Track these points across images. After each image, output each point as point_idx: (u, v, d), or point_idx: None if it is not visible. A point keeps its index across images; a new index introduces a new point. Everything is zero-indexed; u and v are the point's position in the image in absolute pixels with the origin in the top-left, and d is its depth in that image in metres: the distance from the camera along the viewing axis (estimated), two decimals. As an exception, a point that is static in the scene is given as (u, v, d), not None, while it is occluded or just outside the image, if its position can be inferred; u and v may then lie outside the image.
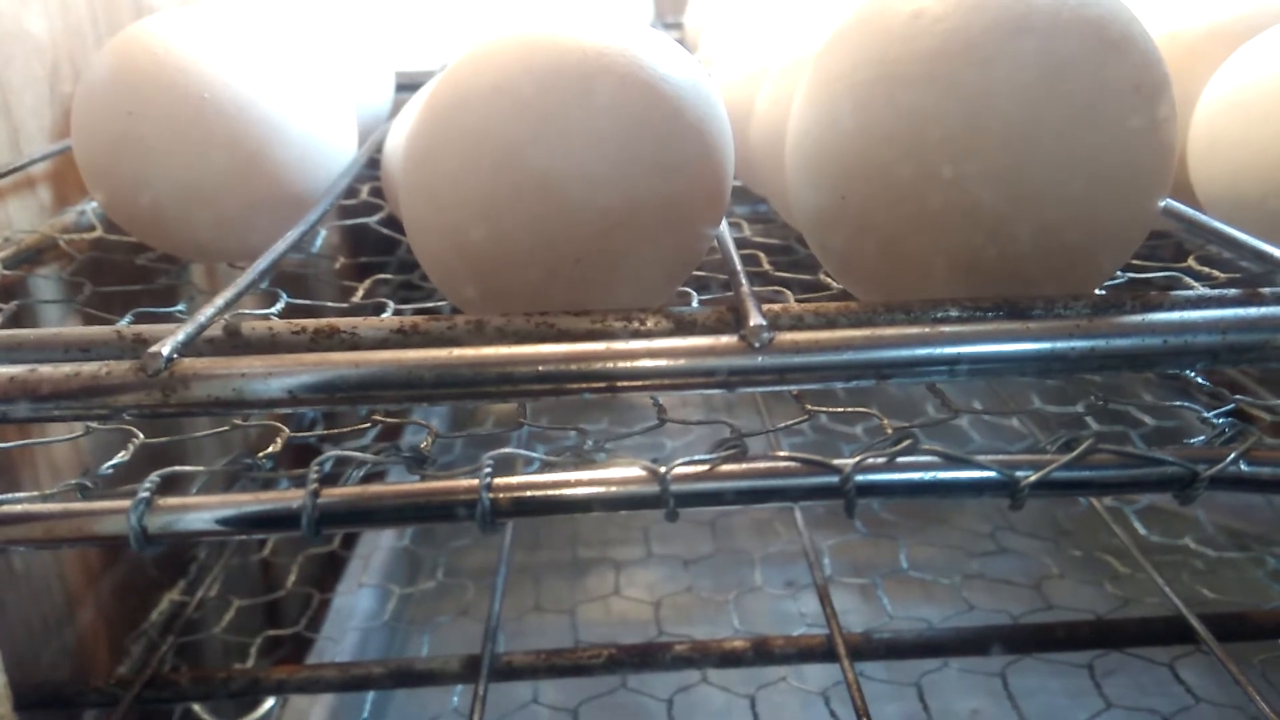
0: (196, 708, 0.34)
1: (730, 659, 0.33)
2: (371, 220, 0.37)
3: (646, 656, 0.33)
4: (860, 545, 0.45)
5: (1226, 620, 0.34)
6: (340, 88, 0.33)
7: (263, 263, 0.24)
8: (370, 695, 0.41)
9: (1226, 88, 0.30)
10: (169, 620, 0.40)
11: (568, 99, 0.21)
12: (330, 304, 0.29)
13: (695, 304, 0.26)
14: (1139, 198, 0.22)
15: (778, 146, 0.28)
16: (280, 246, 0.25)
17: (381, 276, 0.35)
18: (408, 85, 0.46)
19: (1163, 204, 0.23)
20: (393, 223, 0.38)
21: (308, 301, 0.28)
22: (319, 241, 0.39)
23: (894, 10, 0.22)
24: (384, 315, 0.22)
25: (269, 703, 0.37)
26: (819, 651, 0.32)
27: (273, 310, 0.27)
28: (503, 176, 0.21)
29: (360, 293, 0.31)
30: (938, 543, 0.43)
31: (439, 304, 0.30)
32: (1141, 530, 0.42)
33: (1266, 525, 0.48)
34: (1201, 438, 0.20)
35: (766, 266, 0.33)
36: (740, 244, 0.35)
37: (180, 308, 0.29)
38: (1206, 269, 0.30)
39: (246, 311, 0.22)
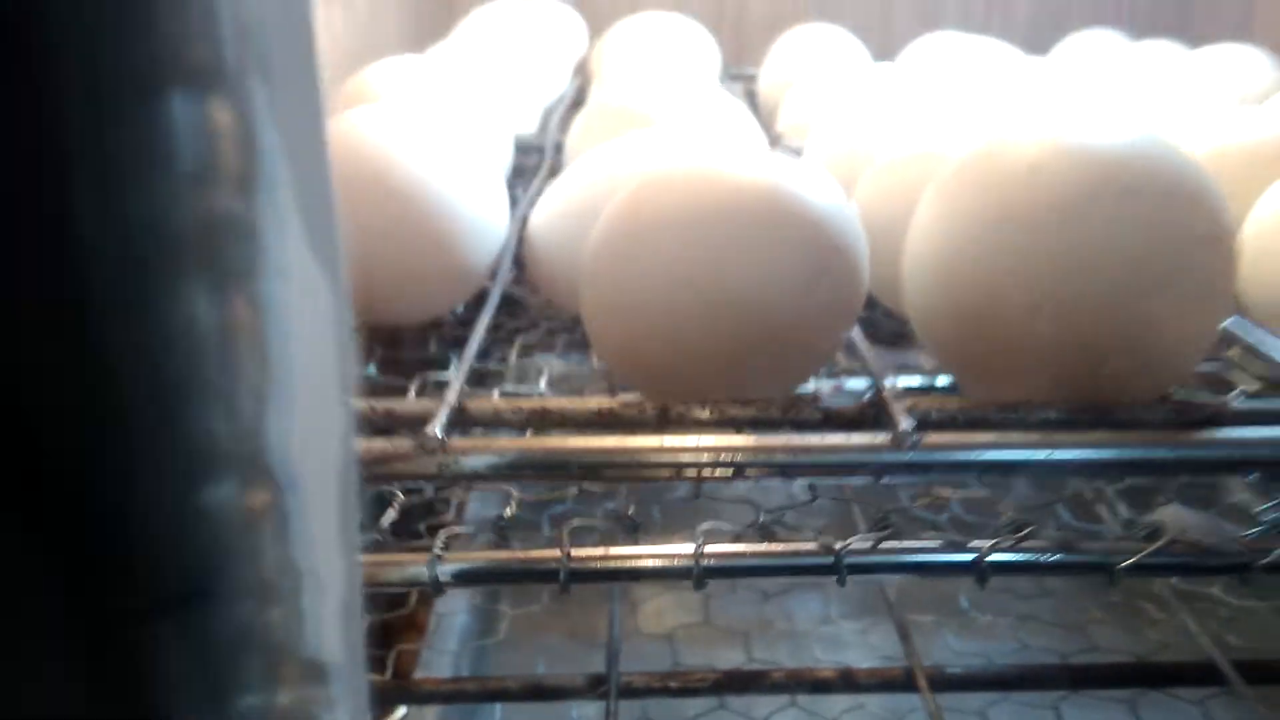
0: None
1: (820, 686, 0.37)
2: (516, 290, 0.41)
3: (747, 682, 0.37)
4: (920, 582, 0.49)
5: (1255, 666, 0.39)
6: (495, 168, 0.38)
7: (473, 347, 0.29)
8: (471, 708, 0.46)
9: (1276, 208, 0.35)
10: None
11: (749, 229, 0.26)
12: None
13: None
14: (1206, 318, 0.27)
15: (885, 237, 0.32)
16: (480, 331, 0.30)
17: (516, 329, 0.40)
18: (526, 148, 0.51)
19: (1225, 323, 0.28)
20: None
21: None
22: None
23: (1012, 160, 0.27)
24: (586, 398, 0.27)
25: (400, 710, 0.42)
26: (899, 682, 0.37)
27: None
28: (690, 292, 0.26)
29: (514, 353, 0.36)
30: (993, 586, 0.48)
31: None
32: (1174, 580, 0.47)
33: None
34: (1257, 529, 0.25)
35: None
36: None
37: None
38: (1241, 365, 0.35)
39: (469, 389, 0.27)
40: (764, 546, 0.23)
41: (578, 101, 0.63)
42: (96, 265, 0.12)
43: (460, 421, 0.26)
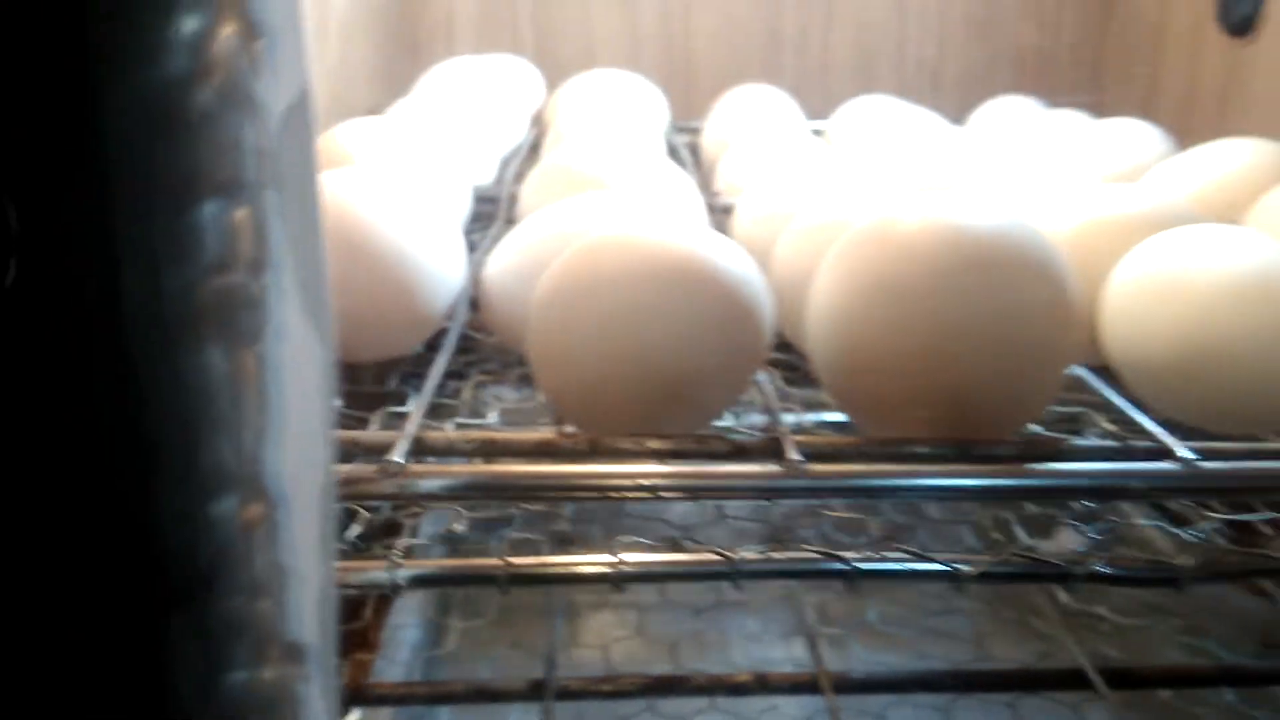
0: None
1: (738, 689, 0.42)
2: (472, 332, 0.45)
3: (673, 685, 0.42)
4: (837, 601, 0.54)
5: (1117, 672, 0.44)
6: (454, 220, 0.42)
7: (431, 384, 0.33)
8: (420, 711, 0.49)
9: (1132, 273, 0.40)
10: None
11: (667, 293, 0.31)
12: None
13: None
14: (1051, 370, 0.32)
15: (797, 291, 0.37)
16: (438, 371, 0.34)
17: (469, 363, 0.44)
18: (484, 198, 0.55)
19: (1069, 370, 0.33)
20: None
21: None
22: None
23: (894, 236, 0.32)
24: (528, 431, 0.31)
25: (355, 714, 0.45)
26: (807, 685, 0.41)
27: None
28: (619, 344, 0.30)
29: (469, 387, 0.40)
30: (903, 602, 0.53)
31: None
32: (1063, 598, 0.52)
33: (1168, 598, 0.58)
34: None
35: (781, 384, 0.43)
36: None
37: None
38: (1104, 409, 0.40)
39: (427, 421, 0.31)
40: (673, 556, 0.27)
41: (534, 149, 0.67)
42: (137, 327, 0.16)
43: (418, 450, 0.30)
